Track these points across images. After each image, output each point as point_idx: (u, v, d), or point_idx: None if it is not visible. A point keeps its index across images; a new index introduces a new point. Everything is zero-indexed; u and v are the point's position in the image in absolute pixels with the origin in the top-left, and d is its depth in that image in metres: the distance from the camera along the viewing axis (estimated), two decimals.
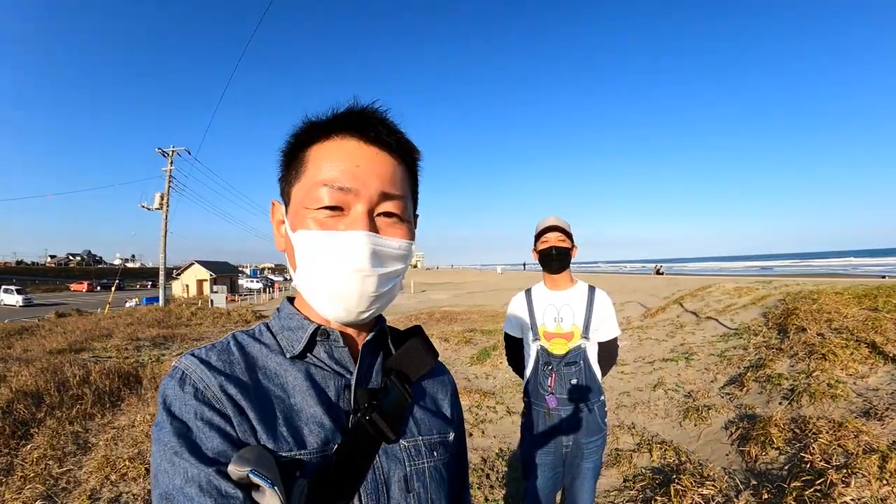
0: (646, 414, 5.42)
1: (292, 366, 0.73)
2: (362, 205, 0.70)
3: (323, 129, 0.73)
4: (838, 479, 2.98)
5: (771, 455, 3.69)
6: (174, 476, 0.58)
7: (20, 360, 7.68)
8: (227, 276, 52.42)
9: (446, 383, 0.93)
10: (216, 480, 0.57)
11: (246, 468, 0.57)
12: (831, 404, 4.21)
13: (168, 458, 0.59)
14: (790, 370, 5.32)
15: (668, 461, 4.13)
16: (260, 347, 0.75)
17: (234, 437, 0.63)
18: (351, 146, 0.71)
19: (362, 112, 0.73)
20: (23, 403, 5.45)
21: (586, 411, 2.37)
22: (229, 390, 0.66)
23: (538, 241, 2.52)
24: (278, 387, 0.71)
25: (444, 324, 14.50)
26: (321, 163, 0.71)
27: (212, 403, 0.64)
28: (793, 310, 7.32)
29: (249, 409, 0.66)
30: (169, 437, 0.60)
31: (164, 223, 28.34)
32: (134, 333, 13.43)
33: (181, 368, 0.68)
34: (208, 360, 0.69)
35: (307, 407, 0.70)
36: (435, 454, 0.79)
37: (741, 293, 10.61)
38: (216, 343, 0.74)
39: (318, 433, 0.68)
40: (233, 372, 0.69)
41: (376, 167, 0.71)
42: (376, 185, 0.70)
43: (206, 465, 0.58)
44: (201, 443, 0.61)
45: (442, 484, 0.78)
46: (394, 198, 0.72)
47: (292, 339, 0.76)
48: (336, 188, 0.69)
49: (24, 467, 4.18)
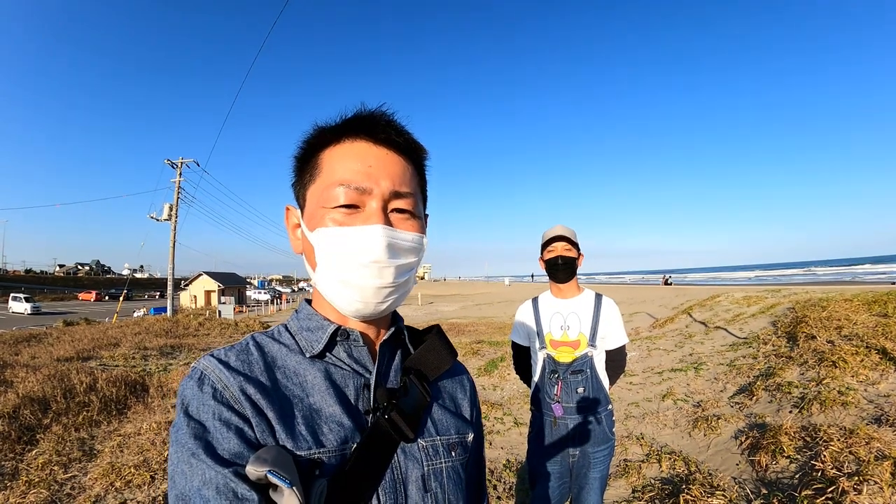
0: (655, 424, 5.36)
1: (311, 365, 0.75)
2: (376, 202, 0.72)
3: (334, 133, 0.76)
4: (850, 487, 2.92)
5: (781, 464, 3.63)
6: (191, 478, 0.58)
7: (27, 367, 7.71)
8: (235, 288, 52.63)
9: (465, 383, 0.94)
10: (233, 483, 0.58)
11: (264, 468, 0.57)
12: (842, 411, 4.14)
13: (185, 459, 0.60)
14: (800, 378, 5.25)
15: (678, 471, 4.07)
16: (279, 347, 0.77)
17: (253, 438, 0.64)
18: (362, 148, 0.75)
19: (371, 115, 0.76)
20: (29, 409, 5.47)
21: (593, 420, 2.34)
22: (248, 391, 0.67)
23: (544, 251, 2.52)
24: (297, 386, 0.72)
25: (451, 335, 14.44)
26: (335, 164, 0.74)
27: (230, 404, 0.65)
28: (802, 318, 7.26)
29: (268, 408, 0.66)
30: (186, 438, 0.61)
31: (173, 234, 28.50)
32: (141, 343, 13.47)
33: (200, 369, 0.68)
34: (227, 360, 0.70)
35: (326, 406, 0.71)
36: (453, 454, 0.80)
37: (750, 302, 10.54)
38: (235, 344, 0.75)
39: (338, 432, 0.69)
40: (252, 372, 0.70)
41: (387, 167, 0.75)
42: (388, 183, 0.73)
43: (223, 466, 0.59)
44: (219, 444, 0.61)
45: (459, 484, 0.78)
46: (405, 195, 0.76)
47: (311, 339, 0.77)
48: (352, 188, 0.72)
49: (28, 472, 4.19)
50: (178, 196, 28.89)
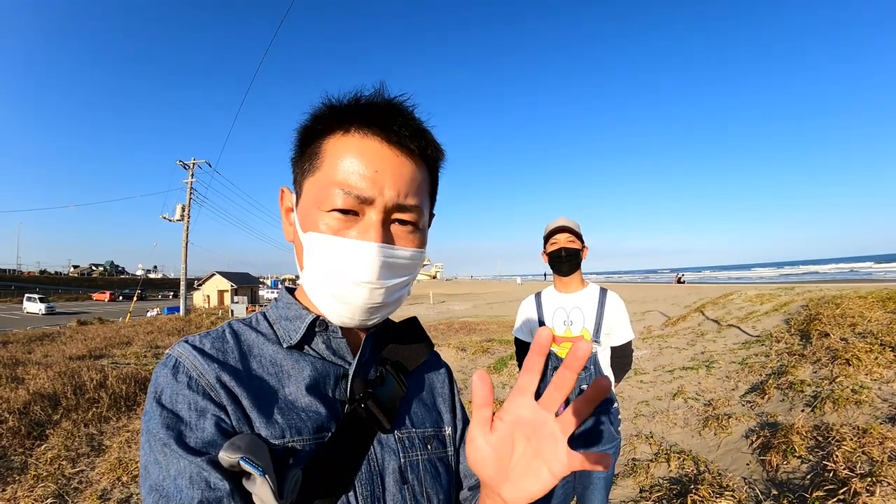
0: (664, 423, 5.30)
1: (289, 355, 0.72)
2: (377, 213, 0.66)
3: (344, 117, 0.68)
4: (862, 488, 2.86)
5: (793, 464, 3.57)
6: (165, 467, 0.57)
7: (39, 364, 7.82)
8: (248, 287, 53.02)
9: (444, 377, 0.91)
10: (205, 472, 0.56)
11: (236, 455, 0.56)
12: (855, 410, 4.06)
13: (159, 449, 0.58)
14: (813, 376, 5.16)
15: (687, 471, 4.02)
16: (256, 336, 0.74)
17: (228, 427, 0.62)
18: (371, 147, 0.67)
19: (388, 107, 0.69)
20: (39, 405, 5.55)
21: (597, 419, 2.30)
22: (223, 378, 0.65)
23: (547, 243, 2.47)
24: (273, 376, 0.70)
25: (462, 334, 14.48)
26: (337, 161, 0.67)
27: (206, 392, 0.63)
28: (815, 315, 7.16)
29: (243, 396, 0.65)
30: (158, 427, 0.59)
31: (185, 234, 28.81)
32: (153, 341, 13.64)
33: (174, 356, 0.66)
34: (202, 347, 0.68)
35: (302, 396, 0.69)
36: (429, 447, 0.78)
37: (763, 300, 10.43)
38: (211, 331, 0.73)
39: (314, 420, 0.67)
40: (227, 360, 0.68)
41: (395, 173, 0.67)
42: (393, 194, 0.67)
43: (195, 455, 0.57)
44: (192, 433, 0.59)
45: (438, 479, 0.76)
46: (410, 209, 0.69)
47: (290, 328, 0.74)
48: (352, 195, 0.65)
49: (37, 467, 4.25)
50: (190, 197, 29.20)
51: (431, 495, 0.73)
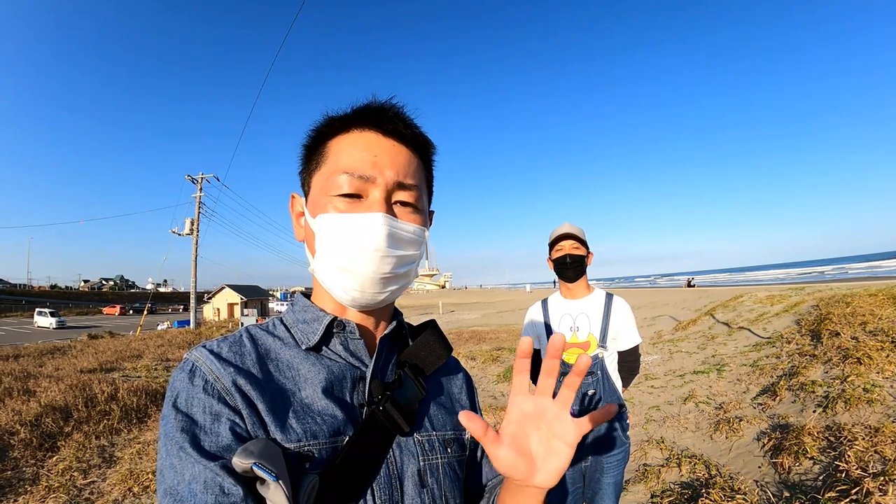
0: (675, 428, 5.25)
1: (306, 358, 0.74)
2: (380, 191, 0.72)
3: (343, 122, 0.76)
4: (875, 488, 2.82)
5: (805, 465, 3.52)
6: (181, 472, 0.58)
7: (51, 377, 7.89)
8: (258, 300, 53.17)
9: (462, 381, 0.93)
10: (219, 477, 0.57)
11: (249, 461, 0.56)
12: (867, 409, 4.00)
13: (174, 453, 0.59)
14: (824, 376, 5.10)
15: (698, 475, 3.97)
16: (273, 340, 0.76)
17: (243, 431, 0.63)
18: (369, 138, 0.75)
19: (380, 107, 0.77)
20: (51, 417, 5.61)
21: (606, 424, 2.29)
22: (239, 383, 0.66)
23: (552, 250, 2.48)
24: (290, 379, 0.71)
25: (472, 343, 14.44)
26: (341, 153, 0.74)
27: (222, 396, 0.64)
28: (826, 315, 7.08)
29: (259, 401, 0.65)
30: (175, 431, 0.60)
31: (195, 248, 29.00)
32: (164, 354, 13.71)
33: (191, 360, 0.68)
34: (219, 352, 0.70)
35: (319, 399, 0.69)
36: (449, 451, 0.78)
37: (773, 301, 10.33)
38: (228, 336, 0.74)
39: (330, 424, 0.67)
40: (244, 364, 0.69)
41: (393, 157, 0.75)
42: (392, 174, 0.73)
43: (210, 460, 0.58)
44: (208, 437, 0.60)
45: (456, 482, 0.77)
46: (409, 188, 0.75)
47: (307, 331, 0.76)
48: (356, 177, 0.72)
49: (49, 478, 4.28)
50: (198, 211, 29.44)
51: (450, 498, 0.74)
